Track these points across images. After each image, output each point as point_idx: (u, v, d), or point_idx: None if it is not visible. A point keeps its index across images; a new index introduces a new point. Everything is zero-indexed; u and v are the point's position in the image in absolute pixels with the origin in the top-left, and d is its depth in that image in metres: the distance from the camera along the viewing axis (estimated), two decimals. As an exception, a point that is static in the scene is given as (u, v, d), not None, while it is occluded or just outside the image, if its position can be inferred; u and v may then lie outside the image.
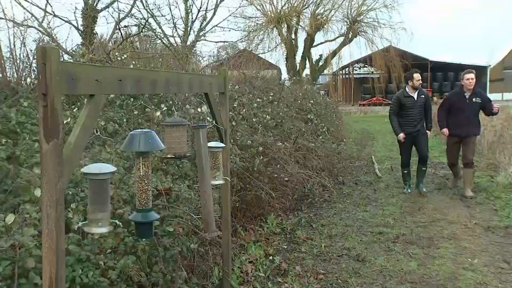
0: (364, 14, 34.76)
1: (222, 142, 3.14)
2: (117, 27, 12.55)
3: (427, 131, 7.29)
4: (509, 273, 4.11)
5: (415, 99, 7.13)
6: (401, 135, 7.18)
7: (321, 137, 9.06)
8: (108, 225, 1.97)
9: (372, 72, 49.22)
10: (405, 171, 7.40)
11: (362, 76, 51.57)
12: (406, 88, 7.24)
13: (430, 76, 45.11)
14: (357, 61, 45.50)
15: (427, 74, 45.23)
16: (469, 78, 6.94)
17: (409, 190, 7.26)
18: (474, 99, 6.95)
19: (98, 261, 2.41)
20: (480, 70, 45.88)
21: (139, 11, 16.33)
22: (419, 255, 4.58)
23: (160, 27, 15.88)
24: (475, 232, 5.26)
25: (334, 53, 35.91)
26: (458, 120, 6.98)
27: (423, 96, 7.21)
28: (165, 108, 5.00)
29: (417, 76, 7.16)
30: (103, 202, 1.93)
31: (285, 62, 34.02)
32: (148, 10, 15.24)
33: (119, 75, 1.96)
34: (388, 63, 38.74)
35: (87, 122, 1.77)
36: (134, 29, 14.03)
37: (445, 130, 7.11)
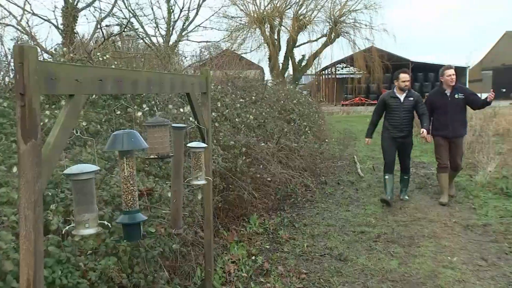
0: (346, 15, 35.03)
1: (204, 143, 3.13)
2: (99, 26, 12.43)
3: (422, 130, 6.47)
4: (486, 270, 4.19)
5: (401, 101, 6.48)
6: (367, 140, 7.01)
7: (303, 137, 9.09)
8: (95, 226, 1.95)
9: (354, 72, 49.61)
10: (387, 177, 6.68)
11: (344, 76, 51.92)
12: (394, 89, 6.68)
13: (411, 76, 45.62)
14: (340, 62, 45.80)
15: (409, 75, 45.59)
16: (450, 74, 6.52)
17: (388, 197, 6.59)
18: (456, 96, 6.50)
19: (79, 262, 2.39)
20: (459, 71, 46.65)
21: (121, 10, 16.20)
22: (400, 254, 4.63)
23: (142, 27, 15.81)
24: (454, 231, 5.34)
25: (316, 54, 36.12)
26: (443, 120, 6.52)
27: (412, 99, 6.50)
28: (147, 109, 4.97)
29: (403, 76, 6.53)
30: (88, 203, 1.91)
31: (268, 62, 34.11)
32: (130, 9, 15.14)
33: (100, 75, 1.94)
34: (370, 64, 39.10)
35: (67, 122, 1.75)
36: (116, 29, 13.92)
37: (428, 137, 6.53)
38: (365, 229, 5.45)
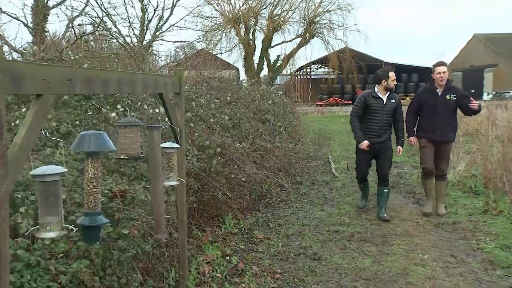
0: (320, 16, 35.37)
1: (177, 143, 3.11)
2: (70, 25, 12.21)
3: (398, 147, 5.98)
4: (455, 266, 4.28)
5: (384, 102, 5.81)
6: (365, 143, 5.81)
7: (278, 137, 9.13)
8: (58, 230, 1.91)
9: (329, 73, 50.13)
10: (361, 186, 6.32)
11: (319, 76, 52.42)
12: (376, 88, 5.89)
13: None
14: (314, 62, 46.24)
15: (382, 75, 46.33)
16: (441, 72, 5.80)
17: (363, 203, 6.28)
18: (448, 96, 5.80)
19: (49, 266, 2.34)
20: (431, 72, 47.67)
21: (93, 9, 15.93)
22: (373, 252, 4.69)
23: (116, 26, 15.59)
24: (426, 229, 5.44)
25: (291, 54, 36.38)
26: (431, 122, 5.84)
27: (394, 101, 5.87)
28: (121, 109, 4.91)
29: (392, 75, 5.86)
30: (52, 205, 1.87)
31: (243, 62, 34.18)
32: (103, 8, 14.92)
33: (69, 74, 1.91)
34: (343, 64, 39.58)
35: (34, 122, 1.72)
36: (89, 28, 13.70)
37: (413, 139, 6.01)
38: (339, 228, 5.50)
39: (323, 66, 50.01)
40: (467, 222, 5.61)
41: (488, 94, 44.31)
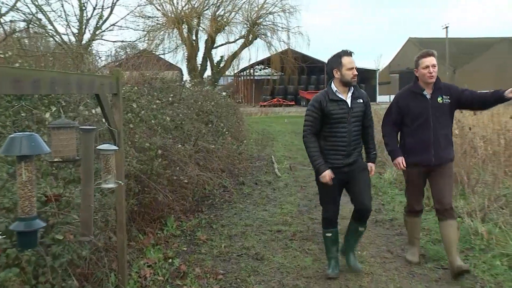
0: (263, 17, 35.70)
1: (115, 145, 3.04)
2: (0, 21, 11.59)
3: (369, 165, 4.15)
4: (391, 262, 4.46)
5: (349, 104, 3.93)
6: (327, 174, 3.95)
7: (221, 138, 9.12)
8: None
9: (272, 74, 50.70)
10: (329, 234, 4.23)
11: (262, 77, 52.88)
12: (332, 86, 3.98)
13: (327, 78, 47.57)
14: (258, 63, 46.62)
15: (324, 76, 47.67)
16: (429, 65, 4.06)
17: (336, 271, 4.12)
18: (439, 99, 4.11)
19: (-25, 275, 2.22)
20: (370, 73, 49.38)
21: (26, 5, 15.18)
22: (314, 251, 4.79)
23: (51, 24, 14.95)
24: (365, 226, 5.62)
25: (235, 55, 36.51)
26: (421, 138, 4.12)
27: (361, 102, 4.01)
28: (55, 109, 4.73)
29: (348, 61, 3.90)
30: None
31: (186, 63, 33.90)
32: (36, 4, 14.25)
33: (-5, 74, 1.82)
34: (286, 65, 40.18)
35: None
36: (22, 25, 13.06)
37: (401, 160, 4.21)
38: (282, 228, 5.57)
39: (266, 67, 50.56)
40: (403, 218, 5.84)
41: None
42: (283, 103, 43.30)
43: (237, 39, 36.10)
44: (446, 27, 46.44)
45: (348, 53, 3.95)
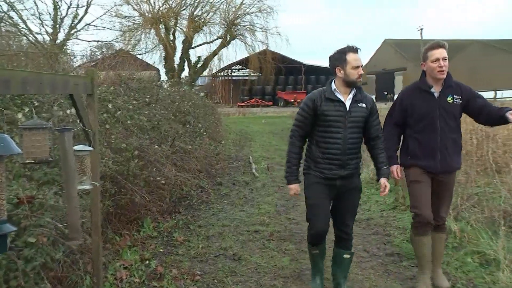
0: (241, 18, 35.72)
1: (90, 146, 3.01)
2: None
3: (381, 181, 3.58)
4: (367, 260, 4.52)
5: (347, 107, 3.42)
6: (294, 188, 3.60)
7: (199, 138, 9.10)
8: None
9: (250, 74, 50.77)
10: (315, 251, 3.72)
11: (240, 78, 52.88)
12: (332, 84, 3.49)
13: (304, 78, 47.93)
14: (236, 63, 46.62)
15: (302, 76, 47.96)
16: (440, 58, 3.56)
17: (318, 285, 3.77)
18: (449, 99, 3.63)
19: None
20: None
21: (-3, 2, 14.81)
22: (291, 251, 4.81)
23: (24, 22, 14.66)
24: (341, 225, 5.67)
25: (213, 55, 36.42)
26: (427, 142, 3.65)
27: (364, 106, 3.48)
28: (28, 110, 4.64)
29: (354, 58, 3.39)
30: None
31: (164, 63, 33.69)
32: (8, 1, 13.94)
33: (-36, 73, 1.78)
34: (264, 66, 40.26)
35: None
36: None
37: (397, 170, 3.81)
38: (259, 228, 5.58)
39: (244, 68, 50.59)
40: (379, 218, 5.93)
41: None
42: (261, 104, 43.38)
43: (215, 40, 36.05)
44: (421, 29, 47.27)
45: (354, 49, 3.43)
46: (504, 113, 3.42)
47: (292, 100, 42.38)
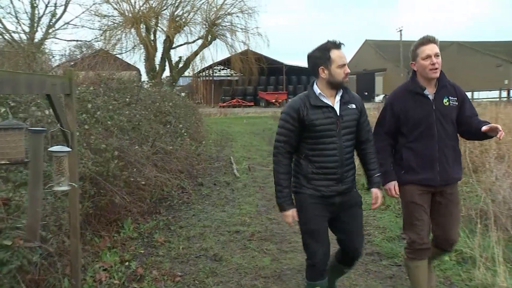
0: (222, 18, 35.67)
1: (68, 146, 2.96)
2: None
3: (373, 191, 3.16)
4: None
5: (337, 112, 2.95)
6: (290, 215, 3.04)
7: (180, 139, 9.05)
8: None
9: (231, 74, 50.76)
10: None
11: (222, 78, 52.83)
12: (315, 88, 2.99)
13: (286, 79, 48.07)
14: (217, 64, 46.52)
15: (283, 77, 48.09)
16: (431, 55, 3.11)
17: None
18: (445, 100, 3.20)
19: None
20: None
21: (-28, 1, 14.56)
22: (272, 251, 4.82)
23: (0, 21, 14.42)
24: (322, 225, 5.71)
25: (194, 55, 36.30)
26: (424, 152, 3.18)
27: (354, 107, 3.03)
28: (4, 110, 4.56)
29: (338, 55, 2.92)
30: None
31: (145, 63, 33.44)
32: (-17, 0, 13.71)
33: None
34: (246, 66, 40.28)
35: None
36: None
37: (393, 186, 3.30)
38: (240, 228, 5.58)
39: (226, 68, 50.55)
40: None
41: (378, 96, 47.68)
42: (242, 104, 43.39)
43: (196, 40, 35.91)
44: (400, 30, 47.86)
45: (337, 45, 2.94)
46: (481, 126, 3.06)
47: (274, 101, 42.51)
